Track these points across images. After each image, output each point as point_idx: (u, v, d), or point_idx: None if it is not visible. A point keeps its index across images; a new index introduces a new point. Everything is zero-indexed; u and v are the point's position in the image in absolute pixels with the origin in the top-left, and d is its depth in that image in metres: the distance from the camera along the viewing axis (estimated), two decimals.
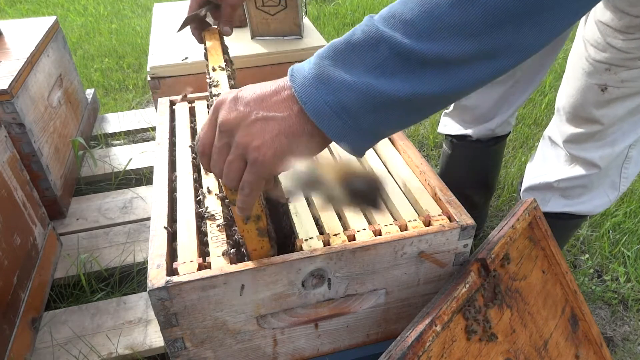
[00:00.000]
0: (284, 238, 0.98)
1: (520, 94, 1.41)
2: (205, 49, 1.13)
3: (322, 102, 0.55)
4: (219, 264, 0.81)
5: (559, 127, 1.20)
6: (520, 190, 1.37)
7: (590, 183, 1.20)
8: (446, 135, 1.60)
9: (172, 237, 0.89)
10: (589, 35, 1.03)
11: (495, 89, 1.40)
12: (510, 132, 1.57)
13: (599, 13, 0.99)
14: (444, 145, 1.66)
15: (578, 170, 1.19)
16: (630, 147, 1.14)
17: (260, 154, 0.58)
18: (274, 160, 0.58)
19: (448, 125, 1.58)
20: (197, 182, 1.05)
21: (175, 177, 1.06)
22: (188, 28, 1.20)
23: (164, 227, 0.88)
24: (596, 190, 1.22)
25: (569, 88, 1.13)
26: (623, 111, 1.06)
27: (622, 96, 1.03)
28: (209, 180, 1.03)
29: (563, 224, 1.30)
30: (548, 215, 1.07)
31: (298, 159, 0.60)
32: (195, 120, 1.27)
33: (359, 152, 0.60)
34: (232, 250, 0.82)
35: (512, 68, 0.56)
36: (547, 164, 1.27)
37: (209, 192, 1.00)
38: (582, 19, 1.08)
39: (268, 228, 0.81)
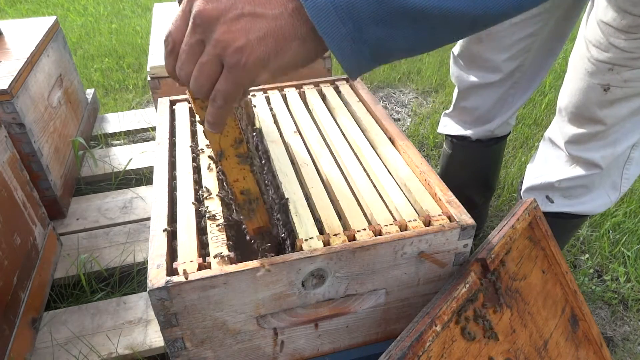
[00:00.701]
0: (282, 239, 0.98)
1: (520, 96, 1.41)
2: None
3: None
4: (219, 264, 0.81)
5: (560, 128, 1.20)
6: (521, 190, 1.37)
7: (592, 183, 1.20)
8: (446, 135, 1.60)
9: (172, 237, 0.89)
10: (590, 35, 1.03)
11: (494, 90, 1.40)
12: (510, 132, 1.57)
13: (601, 13, 0.99)
14: (444, 145, 1.66)
15: (579, 171, 1.19)
16: (633, 147, 1.14)
17: (242, 56, 0.49)
18: (256, 66, 0.50)
19: (448, 125, 1.58)
20: (197, 182, 1.05)
21: (175, 177, 1.06)
22: None
23: (164, 230, 0.88)
24: (597, 190, 1.22)
25: (571, 88, 1.13)
26: (626, 111, 1.06)
27: (625, 96, 1.03)
28: (209, 180, 1.03)
29: (563, 224, 1.30)
30: (548, 215, 1.07)
31: (283, 68, 0.52)
32: (195, 120, 1.27)
33: (353, 71, 0.52)
34: (227, 254, 0.82)
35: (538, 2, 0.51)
36: (548, 165, 1.27)
37: (209, 192, 1.00)
38: (584, 20, 1.08)
39: (250, 154, 0.74)
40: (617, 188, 1.21)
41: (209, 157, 1.09)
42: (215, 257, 0.82)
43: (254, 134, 0.98)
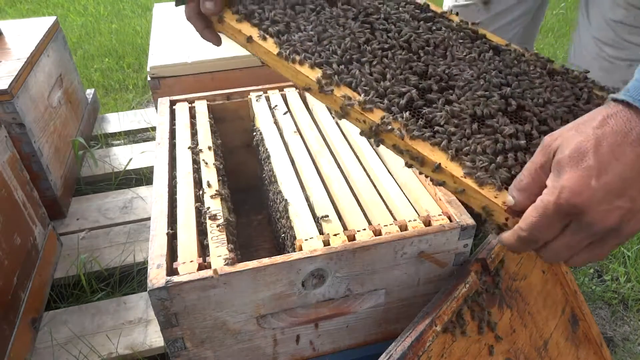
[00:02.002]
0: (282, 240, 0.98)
1: None
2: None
3: None
4: (219, 264, 0.81)
5: None
6: None
7: None
8: None
9: (172, 237, 0.89)
10: (601, 35, 1.03)
11: None
12: None
13: (609, 12, 0.99)
14: None
15: None
16: None
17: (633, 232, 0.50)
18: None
19: None
20: (197, 182, 1.05)
21: (175, 177, 1.06)
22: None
23: (166, 233, 0.88)
24: None
25: None
26: None
27: None
28: (209, 179, 1.03)
29: None
30: None
31: None
32: (195, 120, 1.27)
33: None
34: (232, 255, 0.82)
35: None
36: None
37: (209, 186, 1.00)
38: (586, 20, 1.08)
39: None
40: None
41: None
42: (225, 261, 0.81)
43: (254, 133, 0.97)
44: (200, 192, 1.00)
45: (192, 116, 1.29)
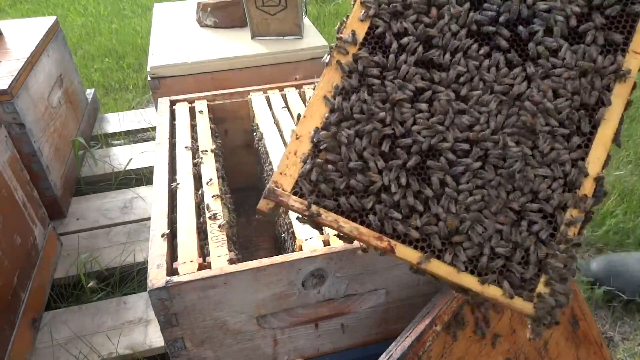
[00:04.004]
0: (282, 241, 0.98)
1: None
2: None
3: None
4: (219, 264, 0.81)
5: None
6: None
7: None
8: None
9: (172, 237, 0.89)
10: None
11: None
12: None
13: None
14: None
15: None
16: None
17: None
18: None
19: None
20: (197, 182, 1.05)
21: (176, 177, 1.06)
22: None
23: (166, 234, 0.88)
24: None
25: None
26: None
27: None
28: (209, 178, 1.03)
29: None
30: None
31: None
32: (195, 120, 1.27)
33: None
34: (237, 257, 0.83)
35: None
36: None
37: (209, 186, 1.00)
38: None
39: None
40: None
41: None
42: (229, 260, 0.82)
43: (254, 133, 0.97)
44: (200, 192, 1.00)
45: (192, 116, 1.29)
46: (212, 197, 0.98)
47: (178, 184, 1.02)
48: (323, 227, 0.89)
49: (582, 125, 0.72)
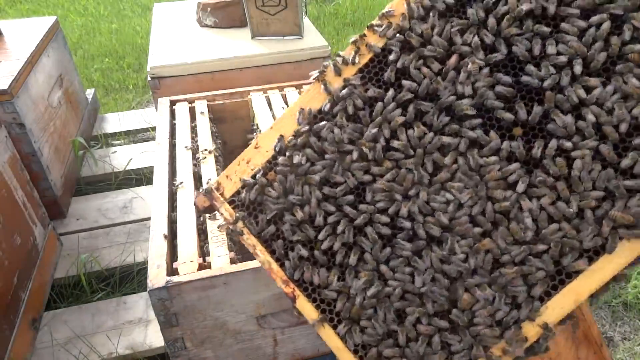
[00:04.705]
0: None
1: None
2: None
3: None
4: (219, 264, 0.81)
5: None
6: None
7: None
8: None
9: (172, 237, 0.89)
10: None
11: None
12: None
13: None
14: None
15: None
16: None
17: None
18: None
19: None
20: (197, 182, 1.05)
21: (176, 177, 1.06)
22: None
23: (165, 234, 0.88)
24: None
25: None
26: None
27: None
28: (209, 178, 1.03)
29: None
30: None
31: None
32: (195, 120, 1.27)
33: None
34: (237, 257, 0.83)
35: None
36: None
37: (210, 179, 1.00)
38: None
39: None
40: None
41: None
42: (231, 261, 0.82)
43: (255, 133, 0.97)
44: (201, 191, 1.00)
45: (192, 116, 1.29)
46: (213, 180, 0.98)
47: (181, 182, 1.02)
48: None
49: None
